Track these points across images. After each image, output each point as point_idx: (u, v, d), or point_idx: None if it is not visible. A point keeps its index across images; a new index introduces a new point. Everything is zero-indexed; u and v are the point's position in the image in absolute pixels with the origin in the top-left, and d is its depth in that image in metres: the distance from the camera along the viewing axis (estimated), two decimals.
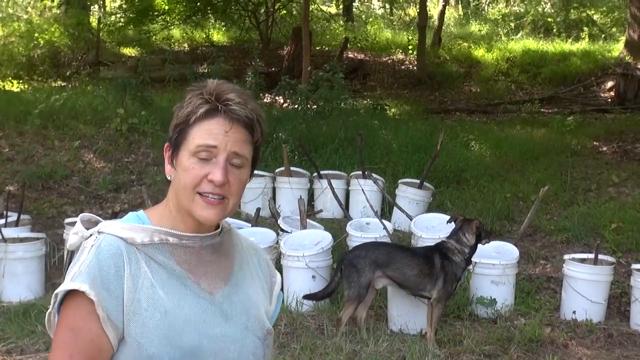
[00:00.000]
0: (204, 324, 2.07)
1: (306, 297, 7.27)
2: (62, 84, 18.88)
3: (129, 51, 22.77)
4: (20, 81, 19.20)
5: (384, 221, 8.67)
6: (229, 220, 2.41)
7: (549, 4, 28.39)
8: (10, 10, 26.87)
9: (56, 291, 2.02)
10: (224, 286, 2.18)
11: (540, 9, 28.34)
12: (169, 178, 2.17)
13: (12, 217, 8.75)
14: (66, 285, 1.99)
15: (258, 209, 8.93)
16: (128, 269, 2.03)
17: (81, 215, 2.18)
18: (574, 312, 7.56)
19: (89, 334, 1.98)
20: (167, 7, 23.32)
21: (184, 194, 2.09)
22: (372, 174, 10.18)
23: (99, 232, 2.08)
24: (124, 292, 2.01)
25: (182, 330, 2.03)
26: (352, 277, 6.88)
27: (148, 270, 2.05)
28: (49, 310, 2.05)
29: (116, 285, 2.00)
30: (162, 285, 2.06)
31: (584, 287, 7.55)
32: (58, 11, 24.55)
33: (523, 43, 24.18)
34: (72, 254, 2.13)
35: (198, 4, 23.40)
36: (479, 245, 7.23)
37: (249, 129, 2.11)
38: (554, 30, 26.72)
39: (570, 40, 24.92)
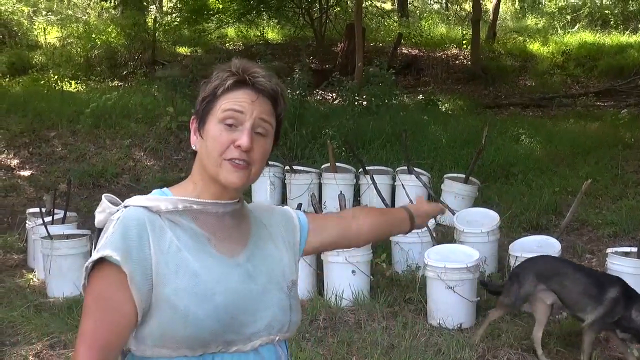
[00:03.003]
0: (231, 283, 2.15)
1: (483, 283, 7.11)
2: (119, 84, 19.13)
3: (184, 50, 23.01)
4: (78, 81, 19.49)
5: None
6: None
7: None
8: (70, 12, 27.28)
9: (85, 264, 2.08)
10: (244, 248, 2.26)
11: (597, 2, 27.93)
12: (194, 148, 2.24)
13: (60, 214, 8.91)
14: (93, 256, 2.06)
15: (299, 205, 8.95)
16: (152, 236, 2.09)
17: (105, 194, 2.26)
18: None
19: (112, 302, 2.04)
20: (221, 6, 23.51)
21: (211, 161, 2.16)
22: (415, 169, 10.15)
23: (124, 206, 2.16)
24: (151, 258, 2.07)
25: (213, 288, 2.10)
26: (513, 286, 6.60)
27: (173, 236, 2.12)
28: (82, 283, 2.12)
29: (139, 253, 2.06)
30: (187, 248, 2.12)
31: (628, 280, 7.39)
32: (115, 12, 24.85)
33: (579, 36, 23.89)
34: (99, 232, 2.19)
35: (252, 2, 23.51)
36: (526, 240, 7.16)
37: (273, 101, 2.21)
38: (612, 22, 26.33)
39: (628, 32, 24.55)
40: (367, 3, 24.87)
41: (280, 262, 2.35)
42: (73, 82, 19.20)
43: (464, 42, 23.39)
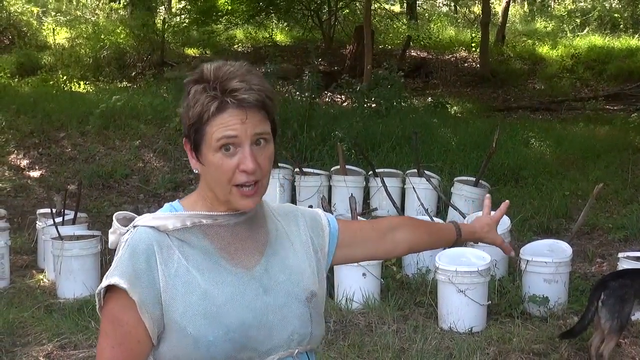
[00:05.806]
0: (245, 299, 2.10)
1: (563, 336, 6.69)
2: (128, 85, 19.13)
3: (192, 52, 23.02)
4: (87, 82, 19.48)
5: (435, 219, 8.63)
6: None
7: None
8: (79, 13, 27.31)
9: (97, 290, 2.08)
10: (261, 258, 2.20)
11: (607, 5, 27.89)
12: (195, 172, 2.18)
13: (70, 215, 8.91)
14: (103, 283, 2.05)
15: (310, 207, 8.95)
16: (160, 258, 2.06)
17: (116, 214, 2.22)
18: None
19: (127, 327, 2.03)
20: (230, 7, 23.51)
21: (220, 189, 2.11)
22: (426, 172, 10.13)
23: (134, 227, 2.13)
24: (159, 280, 2.05)
25: (223, 308, 2.06)
26: (617, 307, 6.34)
27: (181, 256, 2.08)
28: (97, 306, 2.11)
29: (148, 276, 2.04)
30: (197, 267, 2.08)
31: None
32: (124, 13, 24.87)
33: (589, 39, 23.86)
34: (114, 252, 2.18)
35: (261, 3, 23.51)
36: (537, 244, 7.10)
37: (262, 109, 2.10)
38: (621, 26, 26.29)
39: (637, 36, 24.51)
40: (375, 5, 24.85)
41: (299, 271, 2.26)
42: (82, 82, 19.18)
43: (472, 45, 23.38)
